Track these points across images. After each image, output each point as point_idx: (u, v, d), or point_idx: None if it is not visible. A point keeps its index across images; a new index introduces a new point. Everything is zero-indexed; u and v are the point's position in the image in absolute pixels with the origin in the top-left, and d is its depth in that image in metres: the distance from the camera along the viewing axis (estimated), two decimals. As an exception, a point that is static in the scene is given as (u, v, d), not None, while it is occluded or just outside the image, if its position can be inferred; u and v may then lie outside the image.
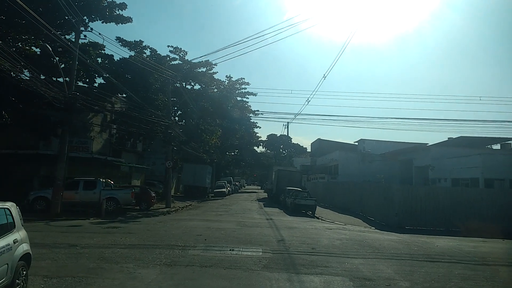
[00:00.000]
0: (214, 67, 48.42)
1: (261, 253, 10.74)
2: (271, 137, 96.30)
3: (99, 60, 28.63)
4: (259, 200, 42.59)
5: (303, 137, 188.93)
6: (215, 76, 54.01)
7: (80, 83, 27.74)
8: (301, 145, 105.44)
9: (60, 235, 13.24)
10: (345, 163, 50.92)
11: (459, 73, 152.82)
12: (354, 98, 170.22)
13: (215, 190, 48.73)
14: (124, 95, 31.58)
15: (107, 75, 25.47)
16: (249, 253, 10.68)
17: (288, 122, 55.29)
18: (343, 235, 15.26)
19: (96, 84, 29.14)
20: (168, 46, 39.87)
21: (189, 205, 31.65)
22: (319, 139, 70.52)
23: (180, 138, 30.78)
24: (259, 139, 76.22)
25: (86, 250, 10.49)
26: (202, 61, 42.45)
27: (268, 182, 50.22)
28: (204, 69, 43.37)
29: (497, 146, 46.28)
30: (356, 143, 67.16)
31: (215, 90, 54.08)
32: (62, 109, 19.33)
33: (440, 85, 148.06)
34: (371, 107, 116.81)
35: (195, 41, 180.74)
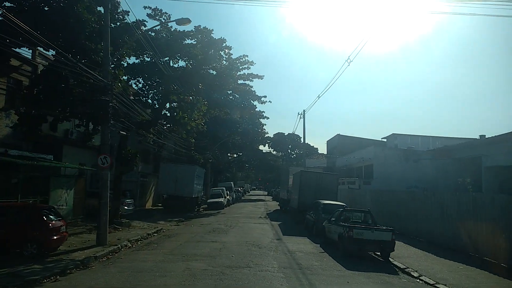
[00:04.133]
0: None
1: None
2: (278, 136, 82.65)
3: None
4: (270, 216, 28.79)
5: (311, 138, 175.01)
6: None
7: None
8: (311, 145, 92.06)
9: None
10: (382, 163, 37.22)
11: (465, 79, 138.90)
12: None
13: (208, 201, 35.17)
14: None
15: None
16: None
17: (304, 111, 41.49)
18: None
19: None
20: (145, 7, 26.50)
21: (155, 232, 18.03)
22: (338, 135, 56.67)
23: (139, 117, 17.28)
24: (266, 135, 62.52)
25: None
26: (192, 30, 29.09)
27: (281, 189, 36.42)
28: (194, 41, 30.24)
29: None
30: (385, 140, 53.74)
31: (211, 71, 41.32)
32: None
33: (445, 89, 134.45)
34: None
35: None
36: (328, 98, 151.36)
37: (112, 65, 19.15)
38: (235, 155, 70.24)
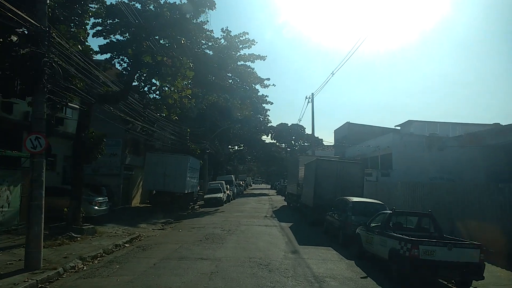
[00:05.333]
0: (204, 12, 30.94)
1: None
2: (281, 126, 77.95)
3: None
4: (277, 215, 24.07)
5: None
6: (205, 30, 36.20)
7: None
8: (315, 136, 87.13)
9: None
10: (403, 152, 32.47)
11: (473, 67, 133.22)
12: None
13: (205, 197, 30.51)
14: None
15: None
16: None
17: (312, 94, 36.71)
18: None
19: None
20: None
21: (128, 242, 13.34)
22: (348, 123, 51.79)
23: (103, 88, 12.45)
24: (269, 124, 57.63)
25: None
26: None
27: (289, 183, 31.67)
28: (187, 15, 25.43)
29: None
30: (399, 128, 49.02)
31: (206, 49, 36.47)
32: None
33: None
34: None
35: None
36: (332, 89, 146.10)
37: (72, 24, 14.57)
38: (236, 147, 65.67)
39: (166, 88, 13.01)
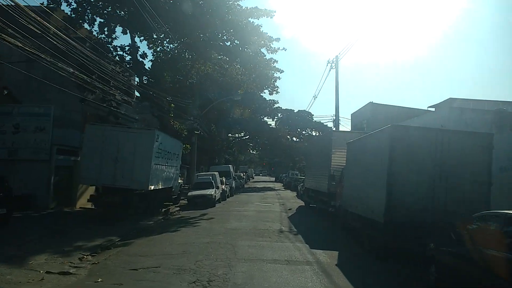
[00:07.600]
0: None
1: None
2: (287, 112, 68.56)
3: None
4: (298, 227, 14.51)
5: (322, 118, 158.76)
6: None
7: None
8: (324, 123, 77.67)
9: None
10: (463, 133, 22.99)
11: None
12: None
13: (189, 194, 21.23)
14: None
15: None
16: None
17: (337, 57, 27.38)
18: None
19: None
20: None
21: None
22: (370, 104, 42.22)
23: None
24: (276, 105, 48.61)
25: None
26: None
27: (310, 175, 21.44)
28: None
29: None
30: (433, 109, 39.56)
31: None
32: None
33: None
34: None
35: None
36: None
37: None
38: (237, 135, 56.84)
39: None
